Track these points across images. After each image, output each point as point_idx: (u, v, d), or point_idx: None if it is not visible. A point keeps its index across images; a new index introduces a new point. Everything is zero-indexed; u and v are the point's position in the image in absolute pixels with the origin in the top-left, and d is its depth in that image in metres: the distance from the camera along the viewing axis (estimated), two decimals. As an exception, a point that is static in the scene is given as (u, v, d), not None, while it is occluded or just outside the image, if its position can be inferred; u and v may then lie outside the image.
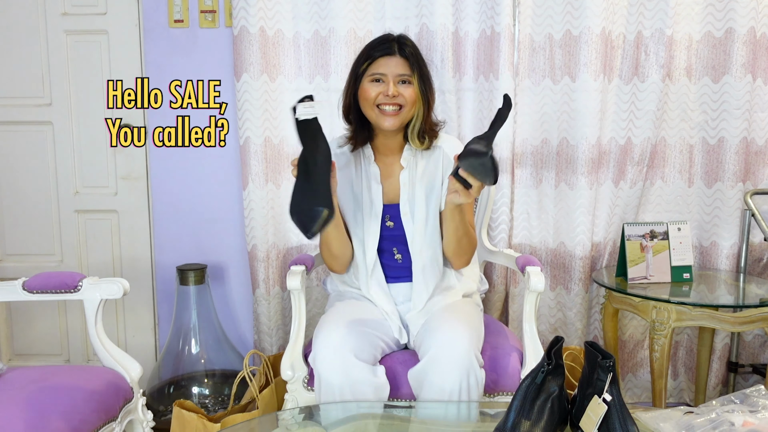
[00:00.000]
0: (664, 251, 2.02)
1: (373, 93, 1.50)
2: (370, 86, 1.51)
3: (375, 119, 1.52)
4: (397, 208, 1.58)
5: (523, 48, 2.15)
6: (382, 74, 1.50)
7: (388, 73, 1.49)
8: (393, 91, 1.48)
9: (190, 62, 2.25)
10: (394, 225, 1.58)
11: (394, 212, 1.58)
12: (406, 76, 1.50)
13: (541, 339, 1.60)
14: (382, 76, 1.50)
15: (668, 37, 2.11)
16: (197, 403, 2.10)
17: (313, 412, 1.36)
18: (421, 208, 1.56)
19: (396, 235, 1.58)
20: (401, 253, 1.59)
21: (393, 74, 1.49)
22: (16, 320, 2.44)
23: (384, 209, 1.58)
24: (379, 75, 1.50)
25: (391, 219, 1.58)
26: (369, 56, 1.52)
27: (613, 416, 1.02)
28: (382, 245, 1.59)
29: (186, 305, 2.21)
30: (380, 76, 1.50)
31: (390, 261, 1.60)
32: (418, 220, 1.56)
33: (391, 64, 1.50)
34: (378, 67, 1.50)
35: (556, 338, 1.12)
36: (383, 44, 1.52)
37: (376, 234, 1.57)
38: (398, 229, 1.58)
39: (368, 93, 1.50)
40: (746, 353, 2.29)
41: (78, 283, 1.54)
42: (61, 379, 1.41)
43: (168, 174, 2.32)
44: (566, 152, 2.16)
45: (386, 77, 1.49)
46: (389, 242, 1.59)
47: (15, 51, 2.30)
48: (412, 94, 1.50)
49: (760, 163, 2.20)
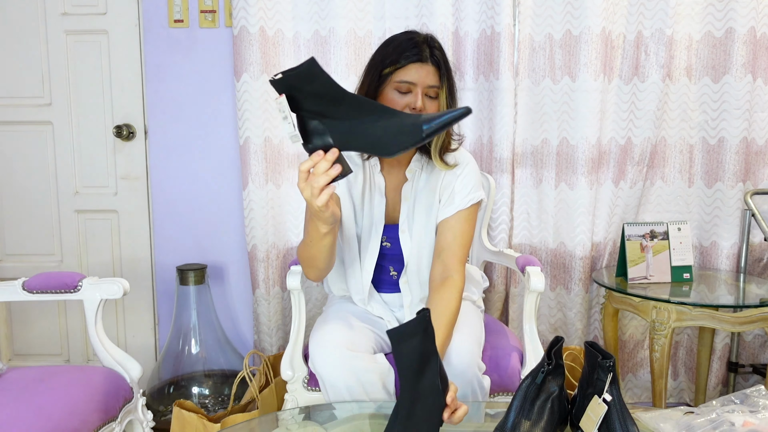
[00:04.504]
0: (664, 251, 2.02)
1: (401, 105, 1.35)
2: (396, 97, 1.35)
3: None
4: (396, 229, 1.51)
5: (523, 48, 2.15)
6: (411, 83, 1.35)
7: (418, 83, 1.35)
8: (420, 105, 1.34)
9: (190, 62, 2.25)
10: (391, 245, 1.53)
11: (392, 233, 1.51)
12: (435, 89, 1.37)
13: (541, 339, 1.60)
14: (411, 86, 1.35)
15: (668, 37, 2.11)
16: (197, 403, 2.10)
17: (313, 412, 1.36)
18: (420, 225, 1.50)
19: (392, 254, 1.53)
20: (397, 271, 1.55)
21: (423, 84, 1.35)
22: (16, 320, 2.44)
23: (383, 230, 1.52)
24: (408, 84, 1.35)
25: (388, 240, 1.52)
26: (397, 61, 1.35)
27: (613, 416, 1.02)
28: (380, 263, 1.54)
29: (186, 305, 2.21)
30: (409, 86, 1.35)
31: (385, 277, 1.57)
32: (417, 237, 1.50)
33: (422, 73, 1.35)
34: (407, 75, 1.35)
35: (556, 338, 1.12)
36: (414, 48, 1.35)
37: (375, 254, 1.50)
38: (395, 248, 1.52)
39: (395, 104, 1.35)
40: (746, 353, 2.29)
41: (78, 283, 1.54)
42: (61, 379, 1.41)
43: (168, 174, 2.32)
44: (566, 152, 2.16)
45: (415, 87, 1.35)
46: (387, 261, 1.55)
47: (15, 51, 2.30)
48: (435, 109, 1.37)
49: (760, 163, 2.20)
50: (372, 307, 1.55)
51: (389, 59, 1.36)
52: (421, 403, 1.02)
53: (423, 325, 1.02)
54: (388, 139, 1.08)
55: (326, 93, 1.07)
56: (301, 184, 1.12)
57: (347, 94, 1.08)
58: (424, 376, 1.02)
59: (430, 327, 1.03)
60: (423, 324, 1.02)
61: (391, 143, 1.08)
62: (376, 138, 1.08)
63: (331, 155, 1.09)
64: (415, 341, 1.01)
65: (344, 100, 1.08)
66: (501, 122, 2.13)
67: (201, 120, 2.28)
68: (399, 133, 1.07)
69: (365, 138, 1.09)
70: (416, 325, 1.02)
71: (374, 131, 1.09)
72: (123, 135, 2.31)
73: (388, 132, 1.08)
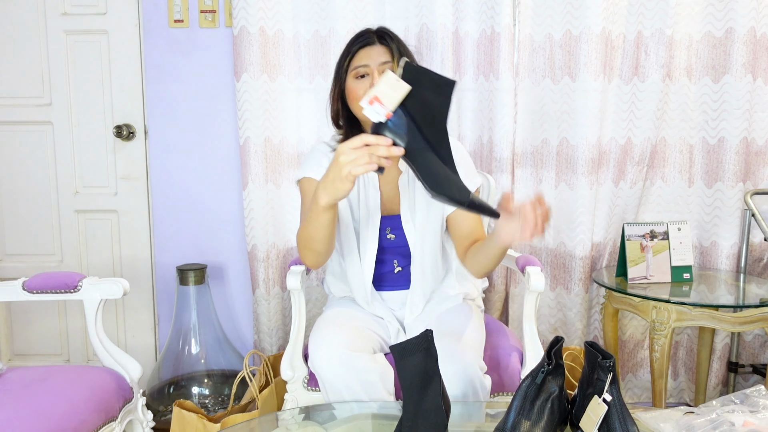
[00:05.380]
0: (664, 251, 2.02)
1: (361, 90, 1.39)
2: (355, 84, 1.41)
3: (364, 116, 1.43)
4: (398, 219, 1.51)
5: (523, 48, 2.15)
6: (364, 66, 1.40)
7: (370, 63, 1.40)
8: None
9: (190, 62, 2.25)
10: (396, 237, 1.52)
11: (396, 224, 1.51)
12: (389, 63, 1.40)
13: (541, 339, 1.60)
14: (365, 68, 1.40)
15: (668, 37, 2.11)
16: (197, 403, 2.10)
17: (313, 412, 1.36)
18: (423, 213, 1.50)
19: (397, 247, 1.53)
20: (402, 265, 1.55)
21: (376, 63, 1.39)
22: (16, 320, 2.44)
23: (385, 221, 1.51)
24: (362, 68, 1.40)
25: (393, 231, 1.52)
26: (348, 52, 1.43)
27: (613, 416, 1.02)
28: (383, 257, 1.54)
29: (186, 305, 2.21)
30: (363, 70, 1.40)
31: (387, 272, 1.56)
32: (420, 227, 1.50)
33: (372, 54, 1.40)
34: (359, 59, 1.41)
35: (556, 338, 1.12)
36: (360, 37, 1.43)
37: (374, 247, 1.50)
38: (400, 240, 1.52)
39: (355, 91, 1.40)
40: (746, 353, 2.29)
41: (78, 283, 1.54)
42: (61, 379, 1.41)
43: (168, 174, 2.32)
44: (566, 152, 2.16)
45: (369, 68, 1.39)
46: (390, 254, 1.55)
47: (15, 51, 2.30)
48: None
49: (760, 163, 2.20)
50: (372, 306, 1.55)
51: (343, 54, 1.45)
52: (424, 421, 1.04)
53: (425, 344, 1.03)
54: (441, 180, 1.14)
55: (433, 110, 1.13)
56: (345, 148, 1.13)
57: (445, 125, 1.15)
58: (427, 393, 1.04)
59: (433, 347, 1.04)
60: (425, 343, 1.03)
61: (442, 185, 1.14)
62: (435, 172, 1.14)
63: (397, 150, 1.12)
64: (418, 358, 1.03)
65: (438, 126, 1.14)
66: (501, 122, 2.13)
67: (201, 120, 2.28)
68: (451, 184, 1.15)
69: (427, 165, 1.15)
70: (419, 342, 1.03)
71: (437, 167, 1.15)
72: (123, 135, 2.31)
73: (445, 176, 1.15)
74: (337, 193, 1.18)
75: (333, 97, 1.48)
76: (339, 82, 1.45)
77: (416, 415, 1.04)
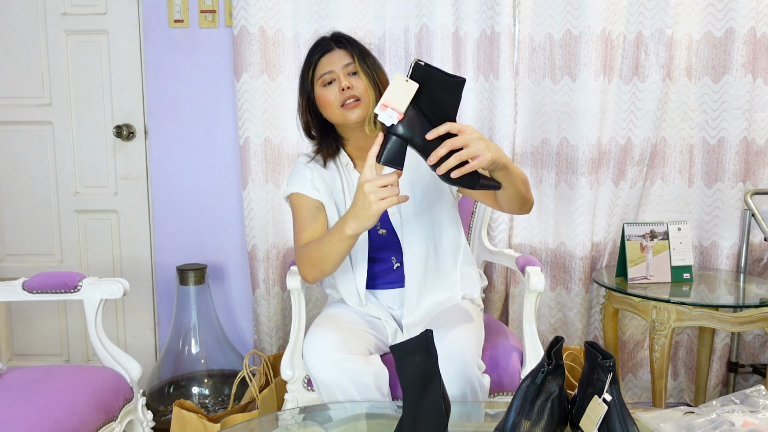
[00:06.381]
0: (664, 251, 2.02)
1: (332, 96, 1.41)
2: (324, 91, 1.43)
3: (342, 119, 1.43)
4: (385, 213, 1.50)
5: (523, 48, 2.15)
6: (329, 72, 1.42)
7: (334, 68, 1.42)
8: (346, 83, 1.40)
9: (190, 62, 2.25)
10: (387, 232, 1.53)
11: (384, 218, 1.51)
12: (351, 65, 1.42)
13: (541, 339, 1.60)
14: (331, 74, 1.42)
15: (668, 37, 2.11)
16: (197, 403, 2.10)
17: (313, 412, 1.36)
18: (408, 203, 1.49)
19: (391, 243, 1.53)
20: (400, 261, 1.55)
21: (339, 67, 1.42)
22: (16, 320, 2.44)
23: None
24: (327, 74, 1.42)
25: (383, 226, 1.52)
26: (310, 62, 1.45)
27: (613, 416, 1.02)
28: (377, 255, 1.54)
29: (186, 305, 2.21)
30: (329, 76, 1.42)
31: (384, 269, 1.56)
32: (406, 214, 1.51)
33: (333, 59, 1.43)
34: (323, 67, 1.43)
35: (556, 338, 1.12)
36: (318, 45, 1.47)
37: (365, 248, 1.51)
38: (392, 235, 1.53)
39: (326, 98, 1.42)
40: (746, 353, 2.29)
41: (78, 283, 1.54)
42: (61, 379, 1.41)
43: (168, 174, 2.32)
44: (566, 152, 2.16)
45: (335, 73, 1.41)
46: (386, 251, 1.55)
47: (15, 51, 2.30)
48: (362, 84, 1.42)
49: (760, 163, 2.20)
50: (368, 308, 1.55)
51: (305, 66, 1.48)
52: (424, 421, 1.04)
53: (425, 344, 1.04)
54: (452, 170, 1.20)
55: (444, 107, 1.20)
56: (374, 187, 1.23)
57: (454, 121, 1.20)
58: (427, 393, 1.05)
59: (433, 347, 1.05)
60: (425, 343, 1.04)
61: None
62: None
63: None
64: (418, 358, 1.04)
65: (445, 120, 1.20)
66: (501, 122, 2.13)
67: (201, 120, 2.28)
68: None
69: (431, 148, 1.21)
70: (419, 342, 1.04)
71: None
72: (123, 135, 2.31)
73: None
74: (367, 224, 1.28)
75: (301, 110, 1.51)
76: (306, 93, 1.48)
77: (416, 415, 1.04)
